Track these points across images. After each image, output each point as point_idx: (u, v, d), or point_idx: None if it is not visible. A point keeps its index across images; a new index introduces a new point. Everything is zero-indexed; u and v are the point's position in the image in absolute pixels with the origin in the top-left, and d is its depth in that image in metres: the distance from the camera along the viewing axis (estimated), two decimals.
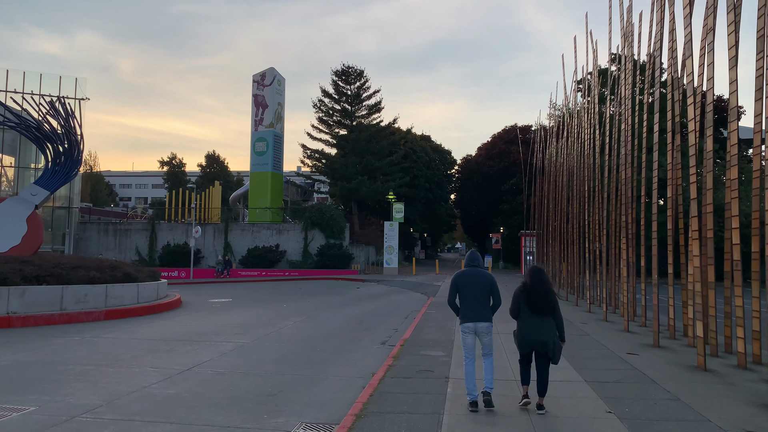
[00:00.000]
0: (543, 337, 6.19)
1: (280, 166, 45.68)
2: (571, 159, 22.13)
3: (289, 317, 15.91)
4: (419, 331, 12.61)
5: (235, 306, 19.19)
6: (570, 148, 23.02)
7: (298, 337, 12.35)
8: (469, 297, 6.49)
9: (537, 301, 6.27)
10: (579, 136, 21.19)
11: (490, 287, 6.51)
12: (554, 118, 29.65)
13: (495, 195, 59.43)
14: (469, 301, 6.49)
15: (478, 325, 6.43)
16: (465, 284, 6.53)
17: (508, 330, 10.46)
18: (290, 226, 41.57)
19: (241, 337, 12.10)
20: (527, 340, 6.31)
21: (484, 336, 6.48)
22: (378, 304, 19.86)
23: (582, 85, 22.36)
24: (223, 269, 38.70)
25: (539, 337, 6.21)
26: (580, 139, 20.71)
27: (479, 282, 6.50)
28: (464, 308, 6.51)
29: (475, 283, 6.49)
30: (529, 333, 6.29)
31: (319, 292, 25.61)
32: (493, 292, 6.52)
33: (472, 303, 6.47)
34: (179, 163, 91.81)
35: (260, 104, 45.17)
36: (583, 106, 21.54)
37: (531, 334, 6.26)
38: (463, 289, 6.54)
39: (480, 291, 6.47)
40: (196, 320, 15.27)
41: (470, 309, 6.46)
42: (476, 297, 6.46)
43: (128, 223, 43.52)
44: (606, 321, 14.82)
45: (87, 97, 39.03)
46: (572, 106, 24.43)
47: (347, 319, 15.59)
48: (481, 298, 6.47)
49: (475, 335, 6.49)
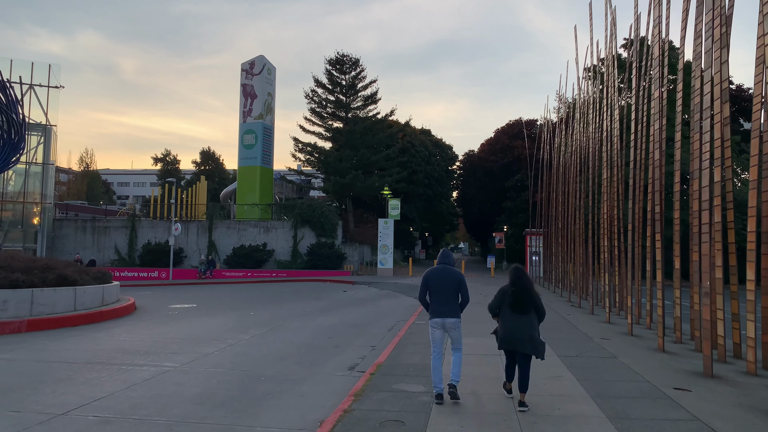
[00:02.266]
0: (524, 336, 6.27)
1: (270, 160, 43.05)
2: (593, 144, 19.45)
3: (249, 329, 13.29)
4: (400, 351, 9.98)
5: (195, 313, 16.59)
6: (583, 133, 20.34)
7: (245, 358, 9.73)
8: (438, 293, 6.65)
9: (520, 299, 6.39)
10: (596, 121, 18.52)
11: (458, 285, 6.68)
12: (564, 105, 26.97)
13: (498, 192, 56.67)
14: (438, 298, 6.65)
15: (446, 321, 6.60)
16: (435, 281, 6.69)
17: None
18: (279, 223, 38.92)
19: (173, 358, 9.49)
20: (509, 338, 6.39)
21: (452, 331, 6.66)
22: (362, 312, 17.22)
23: (592, 71, 19.67)
24: (206, 270, 36.15)
25: (521, 336, 6.29)
26: (600, 123, 18.03)
27: (448, 279, 6.67)
28: (434, 304, 6.68)
29: (444, 281, 6.66)
30: (511, 331, 6.38)
31: (300, 295, 22.97)
32: (461, 290, 6.70)
33: (442, 299, 6.63)
34: (173, 160, 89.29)
35: (249, 94, 42.56)
36: (599, 89, 18.88)
37: (513, 332, 6.36)
38: (433, 286, 6.70)
39: (449, 288, 6.65)
40: (136, 332, 12.67)
41: (439, 305, 6.63)
42: (445, 294, 6.63)
43: (107, 220, 40.95)
44: (632, 335, 12.16)
45: (61, 85, 36.58)
46: (586, 92, 21.73)
47: (318, 332, 12.96)
48: (450, 295, 6.63)
49: (443, 330, 6.66)
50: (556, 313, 15.99)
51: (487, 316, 5.97)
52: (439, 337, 6.66)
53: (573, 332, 12.46)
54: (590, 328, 13.10)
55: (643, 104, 13.58)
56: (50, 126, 36.28)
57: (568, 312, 16.52)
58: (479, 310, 13.32)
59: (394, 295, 23.69)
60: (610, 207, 15.42)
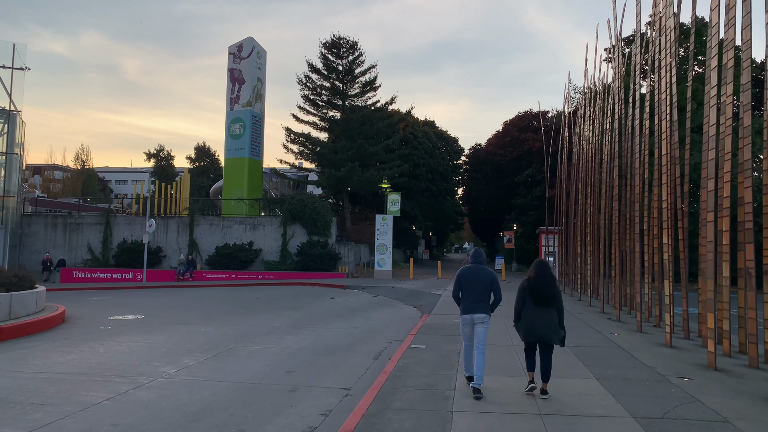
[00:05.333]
0: (546, 328, 6.46)
1: (260, 151, 39.45)
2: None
3: (185, 355, 9.74)
4: (384, 404, 6.39)
5: (134, 329, 13.04)
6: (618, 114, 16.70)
7: (140, 416, 6.17)
8: (471, 291, 6.76)
9: (541, 292, 6.52)
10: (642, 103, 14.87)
11: (491, 284, 6.81)
12: (589, 88, 23.29)
13: (507, 188, 52.93)
14: (470, 295, 6.76)
15: (475, 316, 6.71)
16: (468, 279, 6.84)
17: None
18: (267, 220, 35.29)
19: (24, 416, 5.95)
20: (532, 331, 6.55)
21: (479, 325, 6.72)
22: (345, 327, 13.62)
23: (614, 52, 16.00)
24: (185, 271, 32.63)
25: (542, 329, 6.48)
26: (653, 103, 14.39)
27: (481, 278, 6.80)
28: (465, 301, 6.80)
29: (477, 279, 6.79)
30: (533, 324, 6.52)
31: (277, 304, 19.35)
32: (494, 289, 6.82)
33: (474, 297, 6.74)
34: (167, 156, 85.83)
35: (236, 79, 38.98)
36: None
37: (535, 325, 6.51)
38: (465, 283, 6.84)
39: (482, 286, 6.76)
40: (23, 362, 9.12)
41: (471, 302, 6.74)
42: (478, 291, 6.73)
43: (80, 217, 37.46)
44: (716, 369, 8.52)
45: (27, 67, 33.11)
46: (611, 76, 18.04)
47: (277, 362, 9.37)
48: (482, 293, 6.74)
49: (472, 326, 6.79)
50: (593, 330, 12.36)
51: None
52: (468, 334, 6.90)
53: (633, 366, 8.84)
54: (652, 357, 9.47)
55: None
56: (15, 112, 32.80)
57: (609, 328, 12.85)
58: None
59: (390, 303, 20.03)
60: (671, 197, 11.72)
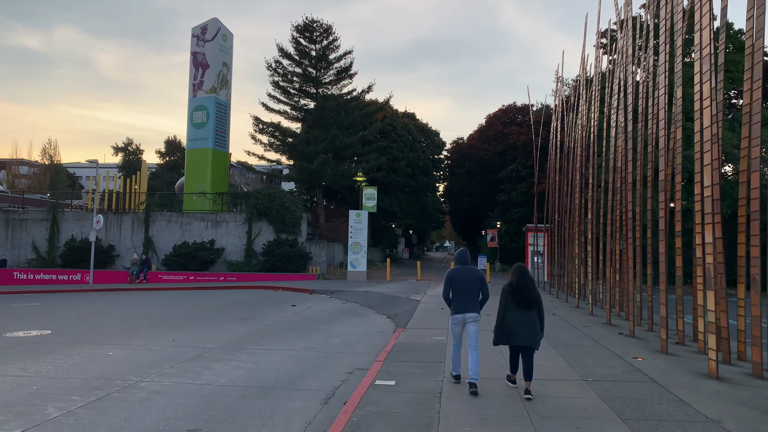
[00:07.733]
0: (527, 331, 6.67)
1: (225, 142, 36.38)
2: None
3: (60, 396, 6.91)
4: None
5: (26, 350, 10.13)
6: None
7: None
8: (461, 291, 7.11)
9: (526, 296, 6.73)
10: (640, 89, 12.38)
11: (480, 283, 7.18)
12: (582, 78, 20.83)
13: (490, 184, 50.56)
14: (461, 295, 7.11)
15: (467, 315, 7.07)
16: (459, 280, 7.15)
17: None
18: (230, 216, 32.26)
19: None
20: (515, 333, 6.69)
21: (471, 323, 7.08)
22: (297, 349, 10.83)
23: (608, 37, 13.52)
24: (139, 272, 29.53)
25: (527, 334, 6.67)
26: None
27: (471, 278, 7.15)
28: (456, 301, 7.13)
29: (466, 280, 7.13)
30: (517, 326, 6.69)
31: (228, 313, 16.45)
32: (482, 288, 7.20)
33: (464, 297, 7.09)
34: (136, 149, 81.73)
35: (200, 63, 35.82)
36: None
37: (520, 330, 6.67)
38: (456, 284, 7.14)
39: (471, 286, 7.13)
40: None
41: (462, 302, 7.09)
42: (468, 291, 7.09)
43: (25, 212, 34.03)
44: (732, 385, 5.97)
45: None
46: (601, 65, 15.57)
47: (180, 412, 6.58)
48: (471, 293, 7.11)
49: (463, 326, 7.16)
50: (607, 352, 9.78)
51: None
52: (458, 332, 7.27)
53: (689, 419, 6.26)
54: (706, 401, 6.91)
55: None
56: None
57: (626, 349, 10.28)
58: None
59: (361, 311, 17.26)
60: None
